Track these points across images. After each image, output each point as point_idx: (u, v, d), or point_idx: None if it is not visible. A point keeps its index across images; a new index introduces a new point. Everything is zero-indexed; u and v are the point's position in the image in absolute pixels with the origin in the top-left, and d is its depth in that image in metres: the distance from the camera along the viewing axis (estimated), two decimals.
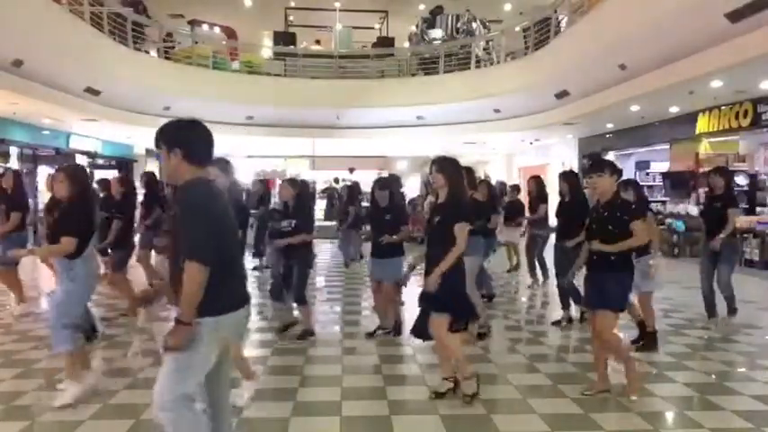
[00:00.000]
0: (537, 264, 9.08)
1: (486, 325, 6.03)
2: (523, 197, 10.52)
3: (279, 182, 12.44)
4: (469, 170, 6.06)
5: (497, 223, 7.56)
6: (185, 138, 2.63)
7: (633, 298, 5.14)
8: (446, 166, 4.25)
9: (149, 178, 7.93)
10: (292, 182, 6.04)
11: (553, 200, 9.25)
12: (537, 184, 8.92)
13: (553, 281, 8.96)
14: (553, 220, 7.09)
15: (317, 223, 9.83)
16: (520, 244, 10.14)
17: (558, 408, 4.10)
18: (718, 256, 6.10)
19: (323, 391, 4.47)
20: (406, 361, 5.27)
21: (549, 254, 9.08)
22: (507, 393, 4.43)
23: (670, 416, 4.02)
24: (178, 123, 2.69)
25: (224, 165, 4.40)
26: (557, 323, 6.53)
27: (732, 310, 6.27)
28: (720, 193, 6.19)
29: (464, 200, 4.29)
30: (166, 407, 2.50)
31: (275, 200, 11.70)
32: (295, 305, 5.91)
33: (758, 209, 11.79)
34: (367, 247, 7.73)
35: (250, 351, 5.46)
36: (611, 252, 4.12)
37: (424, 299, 4.18)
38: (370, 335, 5.97)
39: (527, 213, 9.55)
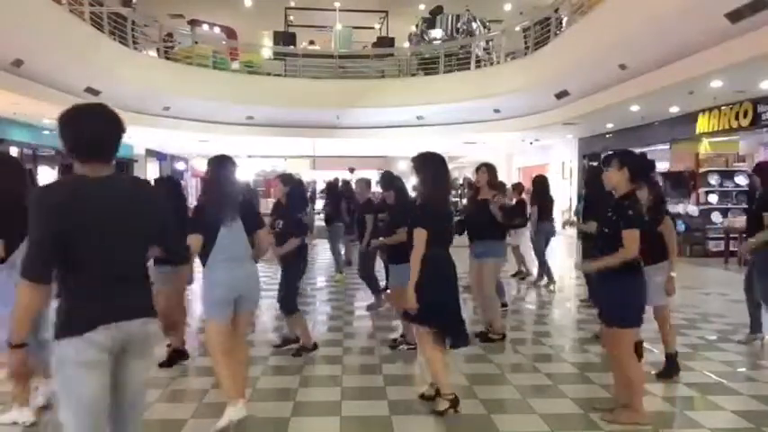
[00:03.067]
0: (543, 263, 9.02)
1: (501, 333, 5.87)
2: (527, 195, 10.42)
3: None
4: (491, 168, 5.90)
5: None
6: (64, 131, 2.34)
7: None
8: (424, 161, 3.93)
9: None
10: (284, 178, 5.51)
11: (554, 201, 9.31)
12: (540, 184, 8.87)
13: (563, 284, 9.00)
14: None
15: (317, 224, 9.77)
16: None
17: (558, 408, 4.10)
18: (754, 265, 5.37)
19: (323, 391, 4.47)
20: (407, 361, 5.26)
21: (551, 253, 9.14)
22: (507, 393, 4.42)
23: (670, 416, 4.02)
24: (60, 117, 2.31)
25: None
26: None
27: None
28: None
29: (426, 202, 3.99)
30: None
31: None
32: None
33: None
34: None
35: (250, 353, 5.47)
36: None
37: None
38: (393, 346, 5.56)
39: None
